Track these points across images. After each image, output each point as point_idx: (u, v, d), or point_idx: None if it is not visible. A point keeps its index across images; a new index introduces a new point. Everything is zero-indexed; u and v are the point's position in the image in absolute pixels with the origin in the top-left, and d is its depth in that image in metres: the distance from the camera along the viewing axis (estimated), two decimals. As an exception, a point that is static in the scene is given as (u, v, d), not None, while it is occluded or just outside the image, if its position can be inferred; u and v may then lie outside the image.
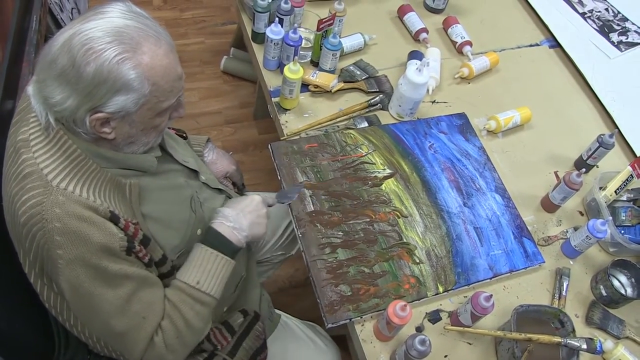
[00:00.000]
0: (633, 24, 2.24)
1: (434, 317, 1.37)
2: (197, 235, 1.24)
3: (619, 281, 1.51)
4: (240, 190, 1.64)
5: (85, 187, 1.02)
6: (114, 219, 1.03)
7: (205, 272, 1.18)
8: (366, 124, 1.69)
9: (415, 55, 1.86)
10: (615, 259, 1.49)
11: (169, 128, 1.38)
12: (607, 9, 2.29)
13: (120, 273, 1.04)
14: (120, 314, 1.06)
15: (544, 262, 1.50)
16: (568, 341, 1.28)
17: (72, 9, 2.62)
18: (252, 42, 1.88)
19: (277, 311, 1.58)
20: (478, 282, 1.43)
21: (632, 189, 1.66)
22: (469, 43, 1.97)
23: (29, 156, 1.02)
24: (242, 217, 1.25)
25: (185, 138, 1.48)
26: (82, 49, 0.94)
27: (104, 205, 1.02)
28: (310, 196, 1.48)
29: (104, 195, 1.05)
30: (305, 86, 1.73)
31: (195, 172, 1.33)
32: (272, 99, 1.72)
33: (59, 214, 0.98)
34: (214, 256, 1.19)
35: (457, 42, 1.99)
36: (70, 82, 0.96)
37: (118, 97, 0.98)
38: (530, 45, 2.12)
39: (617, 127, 1.86)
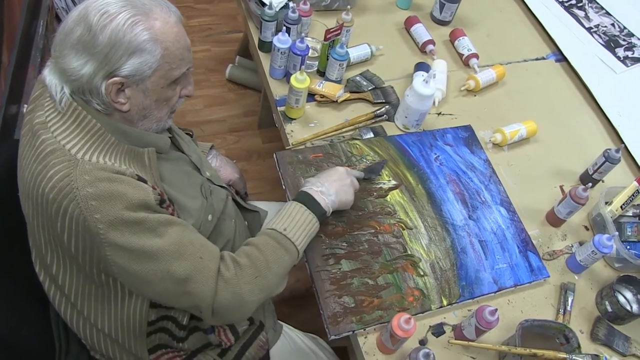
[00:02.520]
0: (639, 39, 2.24)
1: (438, 330, 1.36)
2: (208, 221, 1.25)
3: (625, 297, 1.50)
4: (244, 198, 1.63)
5: (107, 156, 1.05)
6: (141, 180, 1.05)
7: (293, 222, 1.26)
8: (372, 135, 1.68)
9: (421, 66, 1.86)
10: (621, 275, 1.47)
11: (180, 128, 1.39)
12: (613, 24, 2.29)
13: (162, 220, 1.05)
14: (177, 258, 1.06)
15: (549, 276, 1.49)
16: (573, 357, 1.26)
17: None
18: (258, 51, 1.88)
19: (279, 322, 1.56)
20: (482, 295, 1.42)
21: (638, 205, 1.65)
22: (476, 55, 1.97)
23: (49, 136, 1.04)
24: (328, 184, 1.34)
25: (191, 136, 1.49)
26: (97, 14, 0.98)
27: (130, 170, 1.05)
28: None
29: (126, 163, 1.07)
30: (311, 96, 1.73)
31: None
32: (278, 108, 1.72)
33: (89, 180, 0.99)
34: (302, 210, 1.28)
35: (463, 55, 1.98)
36: (87, 48, 0.99)
37: (133, 60, 1.01)
38: (537, 59, 2.12)
39: (623, 142, 1.86)
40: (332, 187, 1.34)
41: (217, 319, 1.16)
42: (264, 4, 1.78)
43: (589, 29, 2.25)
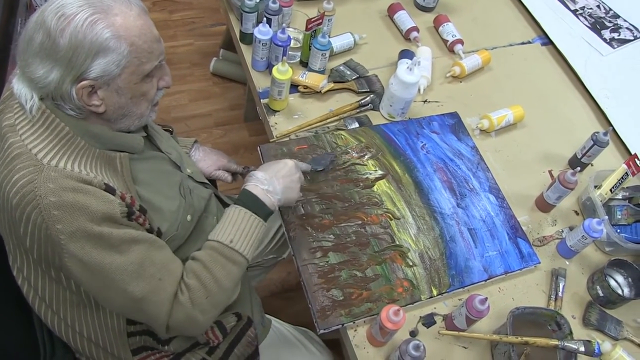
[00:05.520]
0: (625, 20, 2.23)
1: (428, 321, 1.34)
2: (187, 221, 1.23)
3: (616, 281, 1.49)
4: (244, 175, 1.58)
5: (76, 162, 1.01)
6: (109, 190, 1.02)
7: (239, 231, 1.18)
8: (357, 125, 1.66)
9: (406, 54, 1.83)
10: (612, 259, 1.46)
11: (157, 124, 1.36)
12: (598, 6, 2.27)
13: (126, 237, 1.02)
14: (135, 278, 1.04)
15: (540, 262, 1.47)
16: (565, 344, 1.25)
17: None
18: (240, 43, 1.85)
19: (267, 316, 1.55)
20: (473, 284, 1.40)
21: (627, 187, 1.64)
22: (461, 41, 1.95)
23: (16, 139, 1.01)
24: (276, 181, 1.27)
25: (171, 133, 1.45)
26: (54, 18, 0.95)
27: (98, 178, 1.01)
28: (300, 199, 1.45)
29: (95, 169, 1.04)
30: (294, 87, 1.70)
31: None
32: (261, 100, 1.69)
33: (53, 189, 0.96)
34: (247, 216, 1.20)
35: (448, 41, 1.96)
36: (50, 54, 0.96)
37: (98, 61, 0.98)
38: (522, 43, 2.10)
39: (611, 125, 1.84)
40: (280, 185, 1.27)
41: (171, 334, 1.17)
42: (243, -5, 1.75)
43: (574, 11, 2.23)
